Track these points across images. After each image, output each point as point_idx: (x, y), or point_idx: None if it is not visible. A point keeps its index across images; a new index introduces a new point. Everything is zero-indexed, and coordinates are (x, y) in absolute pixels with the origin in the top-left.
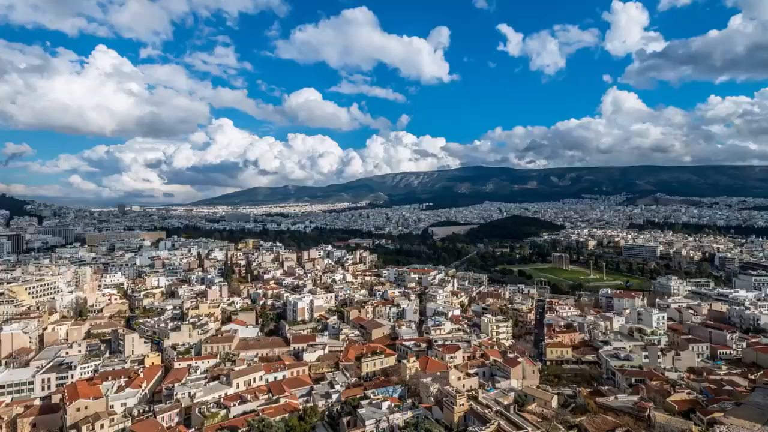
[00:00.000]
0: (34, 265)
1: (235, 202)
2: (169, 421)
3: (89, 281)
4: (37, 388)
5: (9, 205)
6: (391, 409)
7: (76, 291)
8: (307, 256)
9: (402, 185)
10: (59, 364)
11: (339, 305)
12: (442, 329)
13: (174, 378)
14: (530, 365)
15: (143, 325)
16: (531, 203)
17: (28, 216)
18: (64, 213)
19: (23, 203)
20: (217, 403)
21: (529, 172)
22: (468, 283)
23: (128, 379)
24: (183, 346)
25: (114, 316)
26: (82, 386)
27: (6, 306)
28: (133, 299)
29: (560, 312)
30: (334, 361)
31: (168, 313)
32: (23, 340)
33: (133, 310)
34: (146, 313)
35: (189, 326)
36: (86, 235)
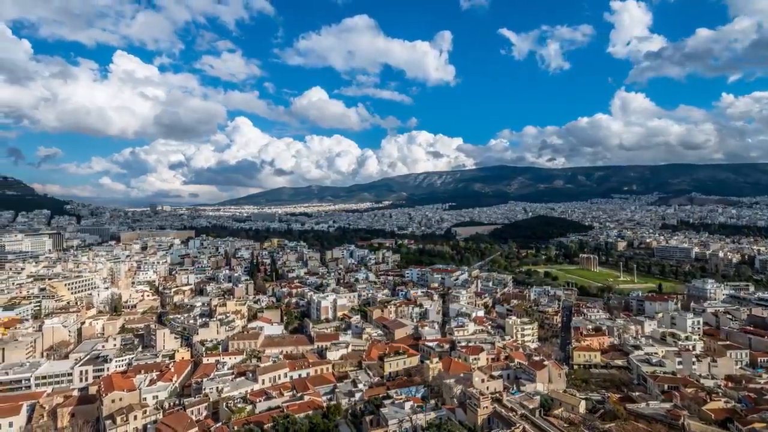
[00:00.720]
0: (73, 263)
1: (260, 202)
2: (198, 415)
3: (123, 278)
4: (76, 380)
5: (50, 205)
6: (414, 410)
7: (112, 287)
8: (331, 256)
9: (424, 185)
10: (96, 357)
11: (362, 305)
12: (466, 330)
13: (203, 373)
14: (556, 369)
15: (174, 321)
16: (557, 203)
17: (67, 215)
18: (101, 212)
19: (63, 203)
20: (244, 398)
21: (554, 172)
22: (492, 284)
23: (159, 373)
24: (211, 342)
25: (146, 312)
26: (116, 379)
27: (47, 301)
28: (164, 296)
29: (588, 315)
30: (357, 360)
31: (197, 309)
32: (63, 333)
33: (164, 307)
34: (176, 310)
35: (217, 323)
36: (121, 234)
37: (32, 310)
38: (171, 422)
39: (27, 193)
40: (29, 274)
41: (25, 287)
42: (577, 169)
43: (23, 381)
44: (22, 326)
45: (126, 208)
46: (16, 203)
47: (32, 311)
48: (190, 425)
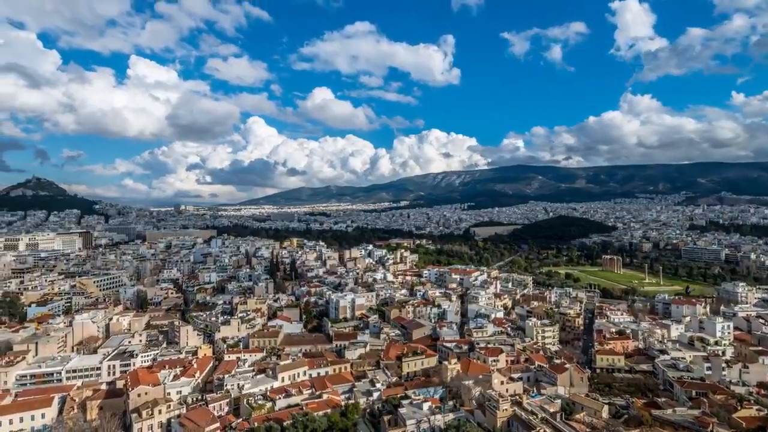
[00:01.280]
0: (102, 261)
1: (280, 201)
2: (219, 410)
3: (149, 276)
4: (104, 374)
5: (80, 205)
6: (432, 410)
7: (138, 285)
8: (349, 255)
9: (443, 185)
10: (123, 352)
11: (380, 304)
12: (485, 331)
13: (224, 369)
14: (578, 372)
15: (196, 318)
16: (579, 203)
17: (96, 215)
18: (127, 212)
19: (92, 203)
20: (264, 395)
21: (575, 171)
22: (511, 285)
23: (183, 369)
24: (232, 340)
25: (170, 309)
26: (142, 373)
27: (78, 297)
28: (187, 293)
29: (611, 317)
30: (375, 359)
31: (219, 307)
32: (92, 329)
33: (188, 304)
34: (199, 307)
35: (238, 321)
36: (146, 233)
37: (63, 306)
38: (194, 417)
39: (58, 193)
40: (60, 272)
41: (56, 284)
42: (599, 169)
43: (55, 374)
44: (54, 321)
45: (151, 208)
46: (49, 203)
47: (63, 307)
48: (212, 420)
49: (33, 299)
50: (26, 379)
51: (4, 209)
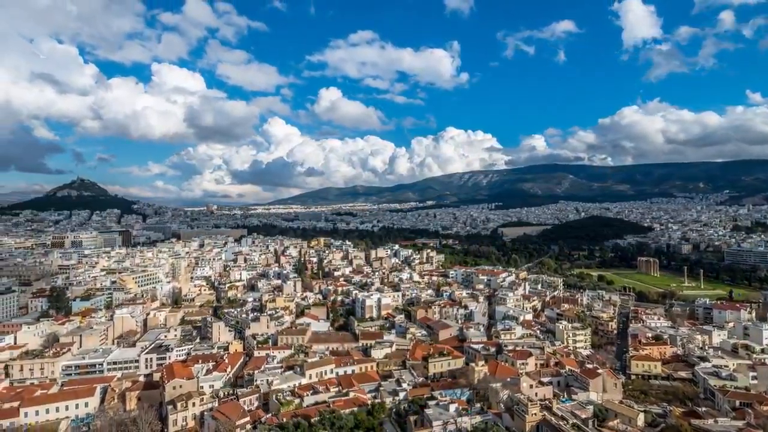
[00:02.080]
0: (140, 258)
1: (307, 201)
2: (249, 405)
3: (183, 273)
4: (142, 366)
5: (120, 205)
6: (459, 412)
7: (173, 282)
8: (375, 255)
9: (469, 184)
10: (159, 346)
11: (406, 304)
12: (513, 334)
13: (254, 365)
14: (612, 378)
15: (228, 314)
16: (613, 203)
17: (134, 214)
18: (163, 212)
19: (131, 203)
20: (292, 391)
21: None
22: (541, 286)
23: (215, 364)
24: (262, 336)
25: (203, 306)
26: (177, 367)
27: (118, 293)
28: (219, 291)
29: (648, 322)
30: (401, 359)
31: (249, 304)
32: (131, 323)
33: (220, 301)
34: (230, 304)
35: (267, 318)
36: (181, 232)
37: (105, 301)
38: (226, 411)
39: (100, 193)
40: (102, 268)
41: (98, 280)
42: (634, 167)
43: (97, 366)
44: (97, 316)
45: (185, 208)
46: (92, 203)
47: (105, 302)
48: (243, 414)
49: (78, 294)
50: (71, 370)
51: (51, 209)
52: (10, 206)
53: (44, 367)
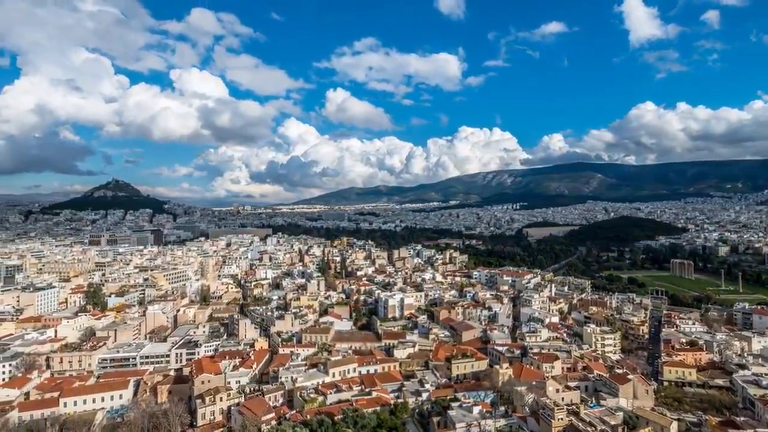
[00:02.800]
0: (170, 256)
1: (331, 201)
2: (274, 402)
3: (211, 271)
4: (172, 361)
5: (152, 205)
6: (483, 415)
7: (202, 279)
8: (398, 255)
9: (493, 184)
10: (188, 341)
11: (428, 305)
12: (538, 336)
13: (279, 362)
14: (643, 384)
15: (253, 312)
16: (645, 202)
17: (165, 214)
18: (192, 212)
19: (162, 203)
20: (316, 389)
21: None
22: (568, 288)
23: (241, 360)
24: (286, 334)
25: (230, 303)
26: (206, 362)
27: (150, 289)
28: (246, 289)
29: (682, 327)
30: (424, 359)
31: (274, 302)
32: (162, 319)
33: (246, 299)
34: (256, 302)
35: (291, 316)
36: (209, 231)
37: (138, 297)
38: (252, 406)
39: (134, 194)
40: (135, 266)
41: (132, 277)
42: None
43: (130, 359)
44: (130, 311)
45: (213, 208)
46: (126, 203)
47: (138, 298)
48: (268, 411)
49: (113, 290)
50: (107, 363)
51: (88, 209)
52: (51, 206)
53: (82, 359)
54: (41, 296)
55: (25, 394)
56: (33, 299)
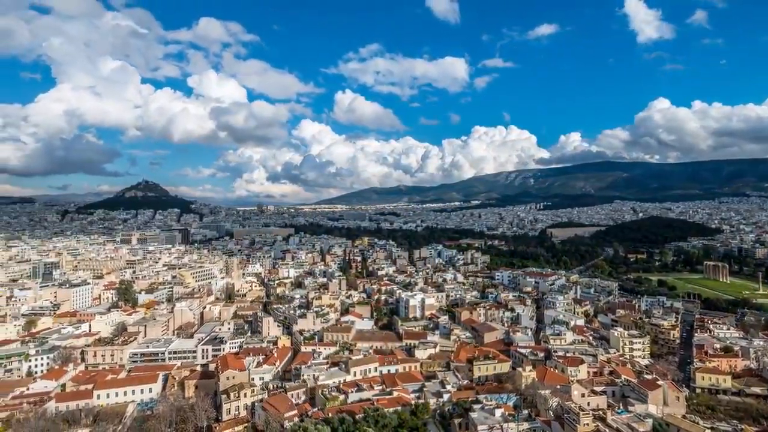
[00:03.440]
0: (197, 255)
1: (352, 201)
2: (297, 399)
3: (235, 269)
4: (199, 357)
5: (179, 205)
6: (505, 418)
7: (226, 277)
8: (419, 255)
9: (516, 183)
10: (214, 338)
11: (450, 305)
12: (563, 339)
13: (301, 360)
14: (674, 390)
15: (276, 310)
16: (675, 202)
17: (192, 213)
18: (218, 211)
19: (189, 203)
20: (337, 387)
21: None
22: (594, 290)
23: (265, 357)
24: (308, 332)
25: (254, 301)
26: (230, 359)
27: (178, 287)
28: (269, 287)
29: (715, 332)
30: (445, 360)
31: (296, 301)
32: (189, 315)
33: (269, 297)
34: (279, 300)
35: (313, 315)
36: (234, 230)
37: (166, 294)
38: (275, 403)
39: (163, 194)
40: (164, 264)
41: (161, 275)
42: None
43: (159, 354)
44: (159, 308)
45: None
46: (155, 203)
47: (166, 295)
48: (291, 408)
49: (143, 287)
50: (137, 357)
51: (120, 208)
52: (86, 206)
53: (114, 353)
54: (77, 292)
55: (62, 385)
56: (69, 295)
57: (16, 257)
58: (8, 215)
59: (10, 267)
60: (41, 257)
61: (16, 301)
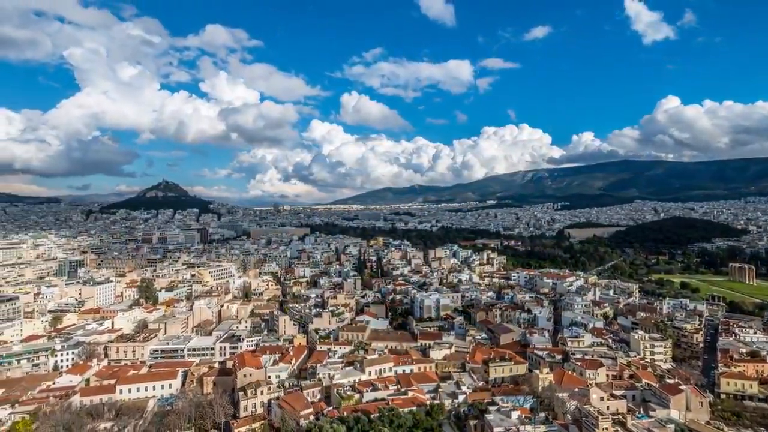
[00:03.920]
0: (215, 254)
1: (367, 201)
2: (312, 397)
3: (252, 269)
4: (217, 354)
5: (198, 205)
6: (522, 420)
7: (244, 276)
8: (434, 255)
9: (532, 183)
10: (231, 336)
11: (465, 306)
12: (581, 341)
13: (316, 359)
14: (697, 396)
15: (292, 309)
16: (699, 202)
17: (210, 213)
18: (235, 211)
19: (208, 203)
20: (352, 386)
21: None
22: (613, 292)
23: (281, 355)
24: (323, 331)
25: (271, 300)
26: (247, 356)
27: (196, 285)
28: (285, 286)
29: (741, 336)
30: (461, 361)
31: (312, 300)
32: (207, 313)
33: (285, 296)
34: (295, 299)
35: (328, 314)
36: (251, 230)
37: (185, 293)
38: (290, 401)
39: (182, 194)
40: (183, 262)
41: (180, 273)
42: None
43: (179, 351)
44: (179, 306)
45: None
46: (175, 203)
47: (185, 293)
48: (306, 406)
49: (163, 285)
50: (158, 354)
51: (141, 208)
52: (109, 206)
53: (135, 349)
54: (100, 290)
55: (86, 380)
56: (93, 292)
57: (43, 255)
58: (36, 214)
59: (38, 265)
60: (67, 255)
61: (43, 297)
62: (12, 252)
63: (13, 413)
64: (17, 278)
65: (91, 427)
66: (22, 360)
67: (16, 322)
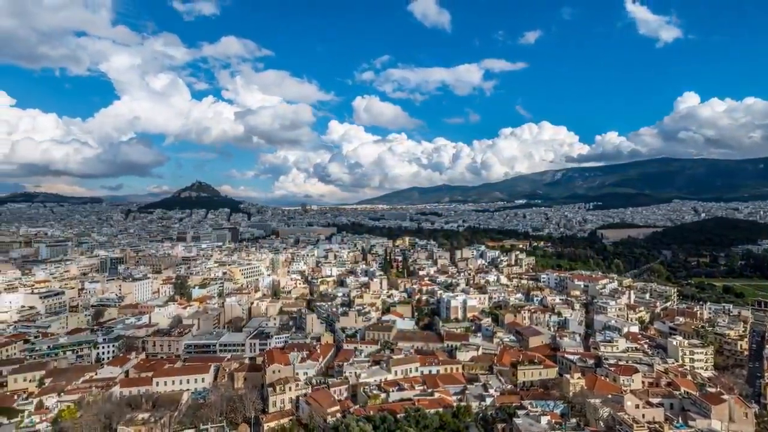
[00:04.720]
0: (245, 252)
1: (393, 200)
2: (339, 395)
3: (281, 267)
4: (247, 350)
5: (229, 205)
6: (552, 426)
7: (272, 275)
8: (460, 255)
9: (563, 182)
10: (261, 332)
11: (492, 307)
12: (615, 346)
13: (343, 357)
14: (741, 406)
15: (320, 308)
16: (744, 202)
17: (241, 213)
18: (264, 211)
19: (238, 203)
20: (378, 386)
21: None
22: (649, 296)
23: (309, 353)
24: (350, 330)
25: (299, 298)
26: (276, 353)
27: (228, 283)
28: (312, 285)
29: None
30: (488, 363)
31: (338, 299)
32: (238, 310)
33: (312, 294)
34: (322, 298)
35: (355, 313)
36: (279, 229)
37: (217, 290)
38: (318, 398)
39: (214, 195)
40: (215, 260)
41: (212, 271)
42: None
43: (211, 346)
44: (211, 302)
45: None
46: (207, 203)
47: (217, 290)
48: (333, 403)
49: (196, 282)
50: (191, 348)
51: (176, 208)
52: (146, 206)
53: (171, 344)
54: (138, 286)
55: (125, 372)
56: (131, 288)
57: (87, 253)
58: (80, 214)
59: (82, 261)
60: (108, 253)
61: (86, 292)
62: (58, 249)
63: (59, 401)
64: (63, 274)
65: (130, 417)
66: (68, 351)
67: (62, 315)
